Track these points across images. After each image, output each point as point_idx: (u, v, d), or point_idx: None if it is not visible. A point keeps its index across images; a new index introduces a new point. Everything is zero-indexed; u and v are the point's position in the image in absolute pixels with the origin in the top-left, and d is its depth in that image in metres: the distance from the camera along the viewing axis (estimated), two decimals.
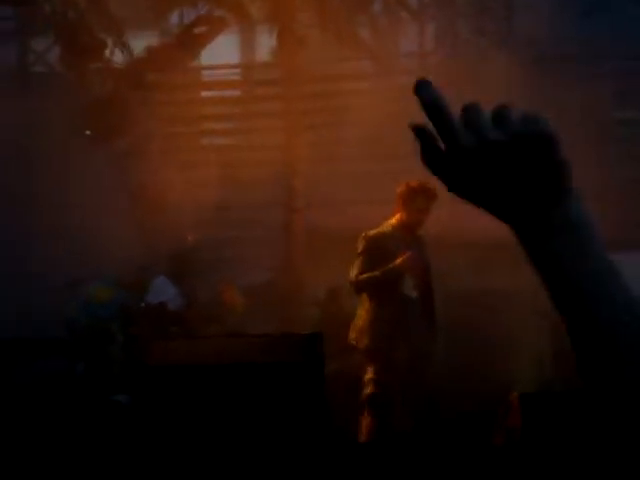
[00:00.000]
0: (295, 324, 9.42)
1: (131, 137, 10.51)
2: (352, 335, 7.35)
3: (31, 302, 9.31)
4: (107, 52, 10.68)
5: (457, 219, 7.45)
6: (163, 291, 8.93)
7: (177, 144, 10.92)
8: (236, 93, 12.02)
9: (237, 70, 12.26)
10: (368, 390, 7.23)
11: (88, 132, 10.51)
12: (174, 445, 6.32)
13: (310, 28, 10.84)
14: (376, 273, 7.11)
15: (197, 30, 10.89)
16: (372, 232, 7.32)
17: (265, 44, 11.47)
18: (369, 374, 7.24)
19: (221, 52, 11.32)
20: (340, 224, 9.70)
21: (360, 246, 7.27)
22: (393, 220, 7.34)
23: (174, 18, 11.23)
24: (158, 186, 10.26)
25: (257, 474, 6.19)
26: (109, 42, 10.64)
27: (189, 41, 10.81)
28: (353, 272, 7.23)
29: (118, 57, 10.78)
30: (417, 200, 7.18)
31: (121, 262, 9.01)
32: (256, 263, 10.33)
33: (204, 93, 11.94)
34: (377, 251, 7.18)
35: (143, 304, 8.64)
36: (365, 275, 7.14)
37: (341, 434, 7.23)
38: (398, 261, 7.09)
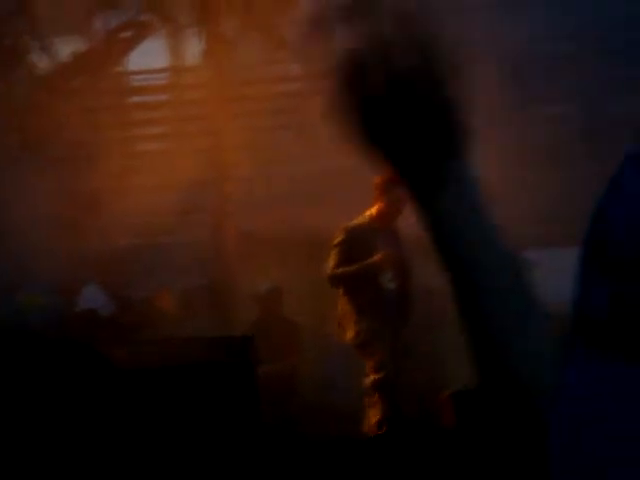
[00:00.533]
0: (229, 327, 9.39)
1: (60, 144, 10.41)
2: (336, 329, 7.39)
3: None
4: (32, 56, 10.57)
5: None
6: (94, 298, 8.87)
7: (107, 150, 10.83)
8: (164, 97, 11.95)
9: (164, 74, 12.19)
10: (372, 377, 7.23)
11: (17, 139, 10.40)
12: (103, 450, 6.26)
13: (237, 31, 10.82)
14: (353, 268, 7.13)
15: (123, 34, 10.83)
16: (350, 224, 7.35)
17: (192, 49, 11.43)
18: (368, 364, 7.27)
19: (148, 56, 11.25)
20: (272, 226, 9.71)
21: (337, 238, 7.28)
22: (372, 211, 7.38)
23: (99, 22, 11.15)
24: (89, 192, 10.18)
25: (189, 477, 6.16)
26: (34, 46, 10.53)
27: (115, 46, 10.74)
28: (329, 264, 7.24)
29: (43, 62, 10.68)
30: (394, 190, 7.25)
31: (54, 269, 8.92)
32: (189, 268, 10.29)
33: (132, 98, 11.86)
34: (354, 243, 7.21)
35: (76, 310, 8.57)
36: (341, 269, 7.15)
37: (274, 436, 7.21)
38: (376, 257, 7.11)
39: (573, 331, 1.05)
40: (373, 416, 7.25)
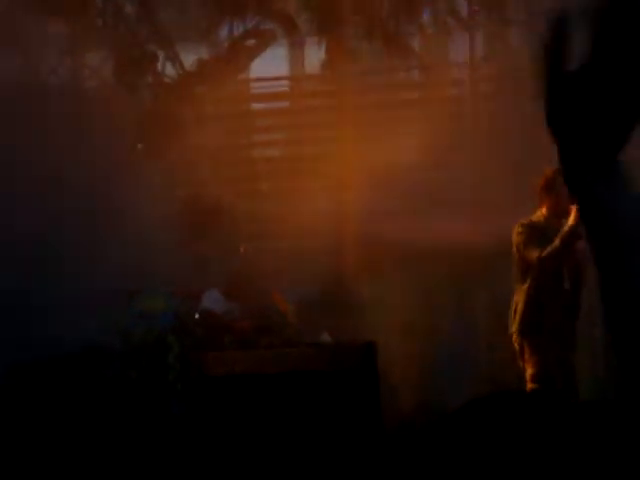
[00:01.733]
0: (347, 334, 9.41)
1: (182, 150, 10.57)
2: (512, 328, 7.41)
3: (82, 311, 9.36)
4: (158, 65, 10.76)
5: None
6: (215, 303, 8.97)
7: (230, 156, 10.97)
8: (286, 105, 12.05)
9: (285, 82, 12.29)
10: (529, 386, 7.24)
11: (140, 145, 10.59)
12: (230, 454, 6.32)
13: (359, 39, 10.86)
14: (555, 243, 7.19)
15: (246, 43, 10.95)
16: (525, 220, 7.41)
17: (314, 56, 11.50)
18: (529, 369, 7.27)
19: (270, 65, 11.36)
20: (394, 234, 9.71)
21: (521, 233, 7.33)
22: (543, 210, 7.43)
23: (224, 31, 11.29)
24: (210, 198, 10.31)
25: None
26: (160, 55, 10.72)
27: (239, 54, 10.86)
28: (532, 254, 7.27)
29: (169, 70, 10.87)
30: (560, 185, 7.29)
31: (175, 274, 9.06)
32: (308, 274, 10.34)
33: (254, 105, 11.98)
34: (537, 236, 7.29)
35: (197, 314, 8.68)
36: (546, 251, 7.22)
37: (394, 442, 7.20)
38: (570, 221, 7.13)
39: None
40: None
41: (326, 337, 9.21)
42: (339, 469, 6.16)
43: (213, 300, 8.98)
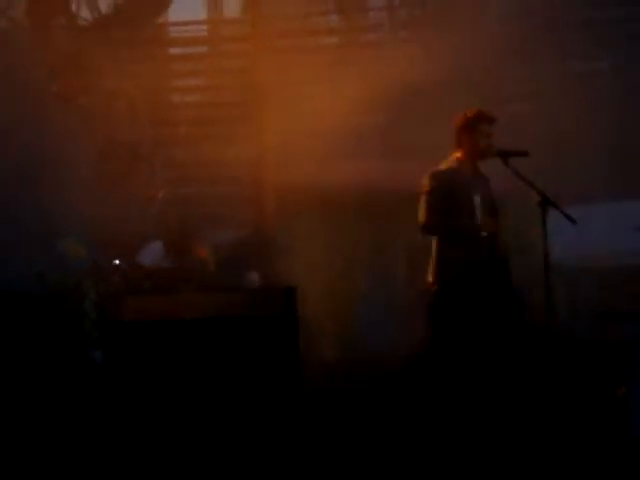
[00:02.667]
0: (268, 280, 9.41)
1: (99, 94, 10.42)
2: (428, 278, 7.35)
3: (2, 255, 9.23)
4: (73, 7, 10.56)
5: None
6: (153, 257, 8.89)
7: (145, 101, 10.82)
8: (203, 49, 11.92)
9: (203, 27, 12.14)
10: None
11: (54, 89, 10.40)
12: (149, 400, 6.30)
13: None
14: (448, 223, 7.12)
15: None
16: (438, 169, 7.31)
17: (231, 1, 11.38)
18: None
19: (187, 8, 11.21)
20: (312, 180, 9.69)
21: (427, 184, 7.24)
22: (458, 154, 7.35)
23: None
24: (127, 144, 10.19)
25: (231, 427, 6.20)
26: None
27: None
28: (421, 213, 7.21)
29: (84, 12, 10.68)
30: (480, 126, 7.25)
31: (94, 219, 8.96)
32: (228, 220, 10.30)
33: (171, 50, 11.83)
34: (445, 189, 7.19)
35: (116, 262, 8.59)
36: (435, 221, 7.13)
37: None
38: (479, 221, 7.08)
39: None
40: None
41: (254, 276, 9.19)
42: (258, 414, 6.18)
43: (152, 255, 8.90)
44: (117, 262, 8.62)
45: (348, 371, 9.49)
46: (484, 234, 7.19)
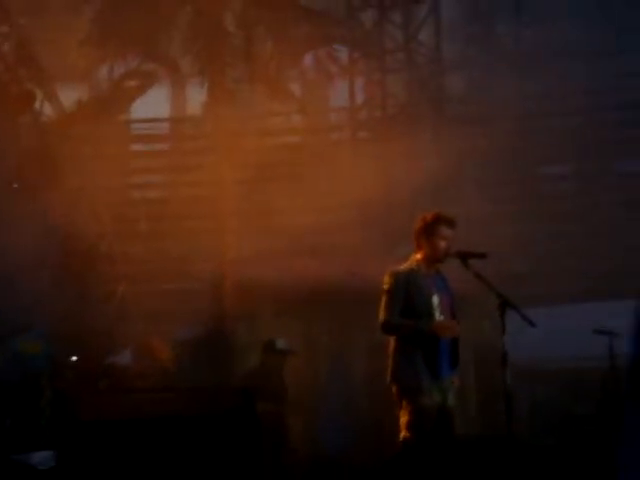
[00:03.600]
0: (228, 377, 9.35)
1: (60, 190, 10.42)
2: (388, 377, 7.33)
3: None
4: (37, 104, 10.61)
5: None
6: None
7: (107, 197, 10.85)
8: (165, 146, 11.99)
9: (166, 124, 12.24)
10: (402, 434, 7.17)
11: (15, 185, 10.40)
12: None
13: (241, 82, 10.88)
14: (408, 324, 7.12)
15: (127, 83, 10.89)
16: (399, 268, 7.33)
17: (195, 98, 11.49)
18: (403, 417, 7.20)
19: (151, 106, 11.31)
20: (273, 276, 9.69)
21: (387, 283, 7.27)
22: (417, 255, 7.38)
23: (104, 71, 11.20)
24: (87, 239, 10.17)
25: None
26: (39, 94, 10.57)
27: (119, 95, 10.79)
28: (382, 313, 7.22)
29: (48, 109, 10.72)
30: (439, 229, 7.29)
31: (52, 315, 8.89)
32: (187, 316, 10.25)
33: (134, 146, 11.89)
34: (405, 288, 7.22)
35: (74, 358, 8.52)
36: (395, 322, 7.14)
37: None
38: (436, 325, 7.10)
39: (629, 384, 1.01)
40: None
41: (282, 343, 9.10)
42: None
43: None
44: (74, 358, 8.54)
45: (308, 471, 9.41)
46: (443, 337, 7.22)
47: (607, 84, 10.64)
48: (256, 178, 10.82)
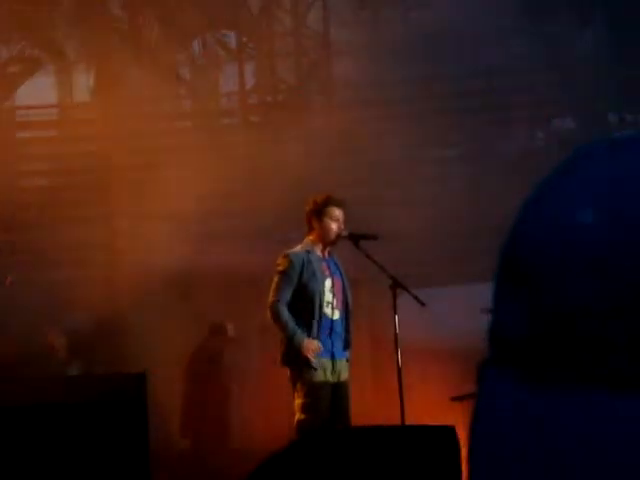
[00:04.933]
0: (120, 364, 9.26)
1: None
2: (279, 360, 7.32)
3: None
4: None
5: None
6: None
7: None
8: (53, 133, 11.80)
9: (53, 110, 12.03)
10: (297, 416, 7.16)
11: None
12: None
13: (128, 66, 10.76)
14: (287, 327, 7.15)
15: (11, 69, 10.68)
16: (294, 250, 7.33)
17: (83, 83, 11.33)
18: (297, 399, 7.19)
19: (37, 92, 11.10)
20: (165, 262, 9.63)
21: (281, 265, 7.26)
22: (310, 237, 7.38)
23: None
24: None
25: None
26: None
27: (3, 81, 10.58)
28: (272, 294, 7.22)
29: None
30: (330, 211, 7.31)
31: None
32: (80, 304, 10.12)
33: (20, 134, 11.67)
34: (300, 270, 7.22)
35: None
36: (282, 314, 7.16)
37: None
38: (303, 344, 7.13)
39: (490, 356, 0.97)
40: None
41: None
42: None
43: None
44: None
45: (200, 459, 9.37)
46: (331, 315, 7.29)
47: (497, 67, 10.77)
48: (147, 164, 10.72)
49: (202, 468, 9.04)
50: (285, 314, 7.23)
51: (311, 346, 7.18)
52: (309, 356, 7.15)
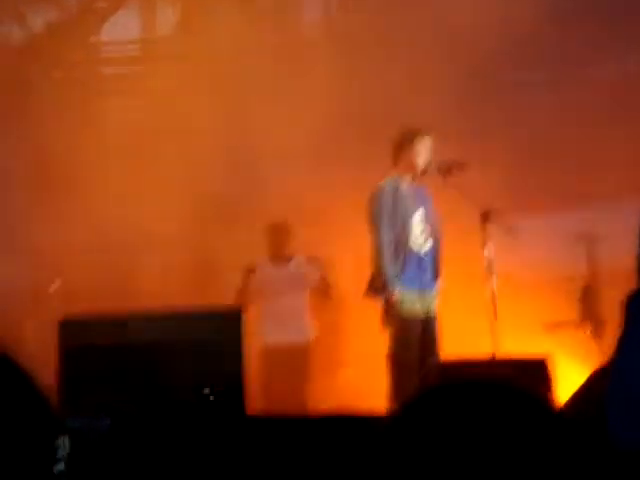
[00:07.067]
0: None
1: (33, 115, 10.27)
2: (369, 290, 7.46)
3: None
4: (3, 27, 10.43)
5: None
6: None
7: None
8: (138, 69, 11.78)
9: (138, 46, 12.00)
10: (388, 350, 7.27)
11: None
12: None
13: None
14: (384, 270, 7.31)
15: (96, 5, 10.70)
16: (380, 185, 7.38)
17: (167, 19, 11.28)
18: (388, 331, 7.30)
19: (120, 27, 11.09)
20: None
21: (372, 204, 7.38)
22: (399, 168, 7.50)
23: None
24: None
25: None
26: (4, 17, 10.40)
27: (89, 16, 10.61)
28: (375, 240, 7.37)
29: (16, 32, 10.54)
30: (417, 142, 7.41)
31: None
32: None
33: (105, 69, 11.69)
34: (389, 203, 7.35)
35: None
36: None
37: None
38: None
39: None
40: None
41: None
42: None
43: None
44: None
45: None
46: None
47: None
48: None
49: None
50: (389, 263, 7.26)
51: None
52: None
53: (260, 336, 8.73)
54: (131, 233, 9.69)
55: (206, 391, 5.95)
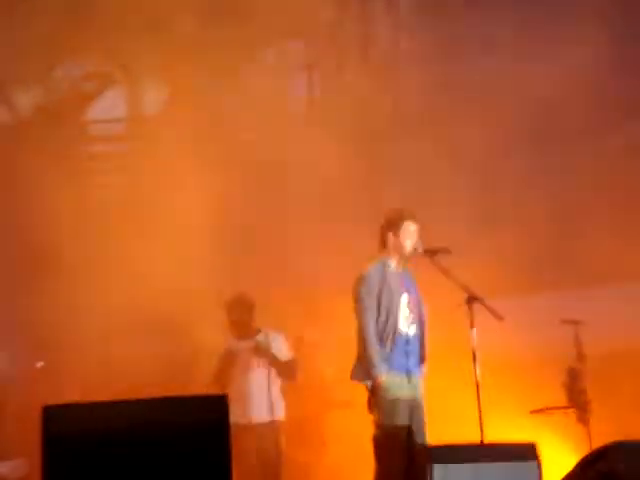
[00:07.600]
0: None
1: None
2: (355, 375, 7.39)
3: None
4: None
5: None
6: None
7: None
8: (125, 146, 11.84)
9: (124, 124, 12.06)
10: (374, 432, 7.21)
11: None
12: None
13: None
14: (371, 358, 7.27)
15: (85, 85, 10.76)
16: (367, 271, 7.41)
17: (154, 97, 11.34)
18: (374, 415, 7.24)
19: (108, 106, 11.14)
20: None
21: (359, 290, 7.39)
22: (385, 252, 7.50)
23: (61, 73, 11.03)
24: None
25: None
26: None
27: (78, 96, 10.67)
28: (360, 328, 7.36)
29: (3, 113, 10.58)
30: (405, 226, 7.38)
31: None
32: None
33: (94, 147, 11.72)
34: (376, 289, 7.36)
35: None
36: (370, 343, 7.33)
37: None
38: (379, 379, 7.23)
39: None
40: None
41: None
42: None
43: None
44: None
45: None
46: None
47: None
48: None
49: None
50: (374, 347, 7.25)
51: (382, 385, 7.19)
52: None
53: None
54: (105, 318, 9.58)
55: None
